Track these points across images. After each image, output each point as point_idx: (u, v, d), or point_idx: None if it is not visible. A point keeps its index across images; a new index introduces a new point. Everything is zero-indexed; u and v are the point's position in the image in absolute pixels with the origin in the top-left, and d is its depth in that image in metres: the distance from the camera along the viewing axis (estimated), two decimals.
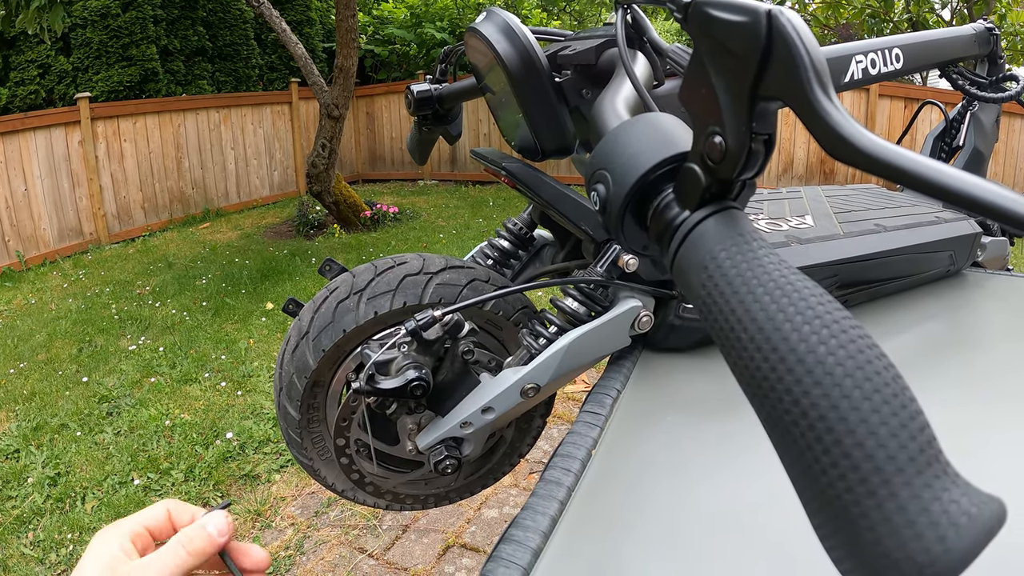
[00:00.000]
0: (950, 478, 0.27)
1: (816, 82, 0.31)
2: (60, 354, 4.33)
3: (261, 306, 4.97)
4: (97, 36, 7.38)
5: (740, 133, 0.34)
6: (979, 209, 0.27)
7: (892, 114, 7.36)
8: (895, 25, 8.78)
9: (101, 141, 6.88)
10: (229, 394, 3.71)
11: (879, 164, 0.29)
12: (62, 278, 5.96)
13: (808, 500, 0.29)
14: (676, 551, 0.54)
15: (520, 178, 0.85)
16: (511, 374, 0.74)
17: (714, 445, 0.67)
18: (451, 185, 9.36)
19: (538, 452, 2.95)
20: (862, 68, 0.88)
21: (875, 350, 0.29)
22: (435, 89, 1.01)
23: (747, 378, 0.32)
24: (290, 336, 0.83)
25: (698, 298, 0.35)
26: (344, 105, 6.32)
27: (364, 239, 6.66)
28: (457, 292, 0.79)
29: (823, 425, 0.28)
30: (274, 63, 9.16)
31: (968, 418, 0.70)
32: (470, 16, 9.50)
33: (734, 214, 0.37)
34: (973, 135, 1.21)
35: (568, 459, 0.64)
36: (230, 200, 8.28)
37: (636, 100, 0.58)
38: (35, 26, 5.29)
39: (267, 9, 6.12)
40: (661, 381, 0.79)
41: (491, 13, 0.74)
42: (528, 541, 0.55)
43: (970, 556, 0.26)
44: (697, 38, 0.35)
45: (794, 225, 0.94)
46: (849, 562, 0.28)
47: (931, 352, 0.85)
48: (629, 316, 0.77)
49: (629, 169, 0.41)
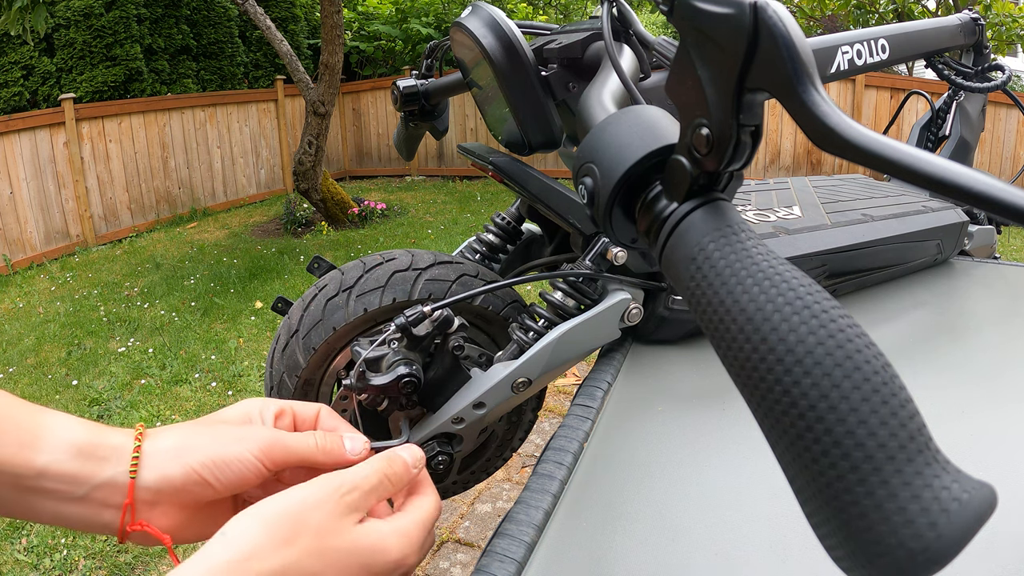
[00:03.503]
0: (940, 465, 0.27)
1: (802, 73, 0.31)
2: (49, 357, 4.31)
3: (250, 305, 4.95)
4: (80, 36, 7.32)
5: (727, 125, 0.34)
6: (966, 198, 0.27)
7: (878, 104, 7.39)
8: (881, 16, 8.81)
9: (86, 142, 6.83)
10: (220, 394, 3.70)
11: (866, 154, 0.29)
12: (49, 281, 5.92)
13: (800, 489, 0.30)
14: (669, 541, 0.54)
15: (507, 172, 0.85)
16: (501, 368, 0.74)
17: (705, 435, 0.67)
18: (438, 180, 9.34)
19: (530, 446, 2.95)
20: (848, 59, 0.88)
21: (864, 339, 0.29)
22: (421, 84, 1.01)
23: (737, 369, 0.32)
24: (280, 335, 0.82)
25: (687, 290, 0.35)
26: (330, 102, 6.29)
27: (352, 236, 6.64)
28: (446, 287, 0.79)
29: (813, 415, 0.28)
30: (259, 61, 9.11)
31: (957, 405, 0.70)
32: (455, 11, 9.48)
33: (722, 205, 0.37)
34: (959, 124, 1.22)
35: (560, 452, 0.64)
36: (217, 199, 8.24)
37: (623, 93, 0.58)
38: (18, 27, 5.25)
39: (251, 6, 6.09)
40: (651, 373, 0.79)
41: (477, 8, 0.74)
42: (522, 535, 0.55)
43: (962, 542, 0.26)
44: (683, 30, 0.35)
45: (782, 216, 0.94)
46: (841, 549, 0.28)
47: (920, 340, 0.86)
48: (619, 309, 0.77)
49: (616, 162, 0.41)
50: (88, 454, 0.48)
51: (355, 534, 0.46)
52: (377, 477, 0.50)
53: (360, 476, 0.49)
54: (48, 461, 0.46)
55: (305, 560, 0.42)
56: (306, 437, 0.53)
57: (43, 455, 0.46)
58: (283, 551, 0.42)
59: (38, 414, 0.49)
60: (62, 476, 0.47)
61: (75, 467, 0.47)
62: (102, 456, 0.48)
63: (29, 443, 0.46)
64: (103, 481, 0.47)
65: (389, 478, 0.50)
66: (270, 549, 0.42)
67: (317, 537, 0.44)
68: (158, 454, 0.49)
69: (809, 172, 7.83)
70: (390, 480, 0.50)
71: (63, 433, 0.48)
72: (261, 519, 0.43)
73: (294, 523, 0.43)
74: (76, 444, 0.48)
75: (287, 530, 0.43)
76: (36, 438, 0.47)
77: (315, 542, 0.43)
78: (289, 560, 0.42)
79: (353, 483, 0.48)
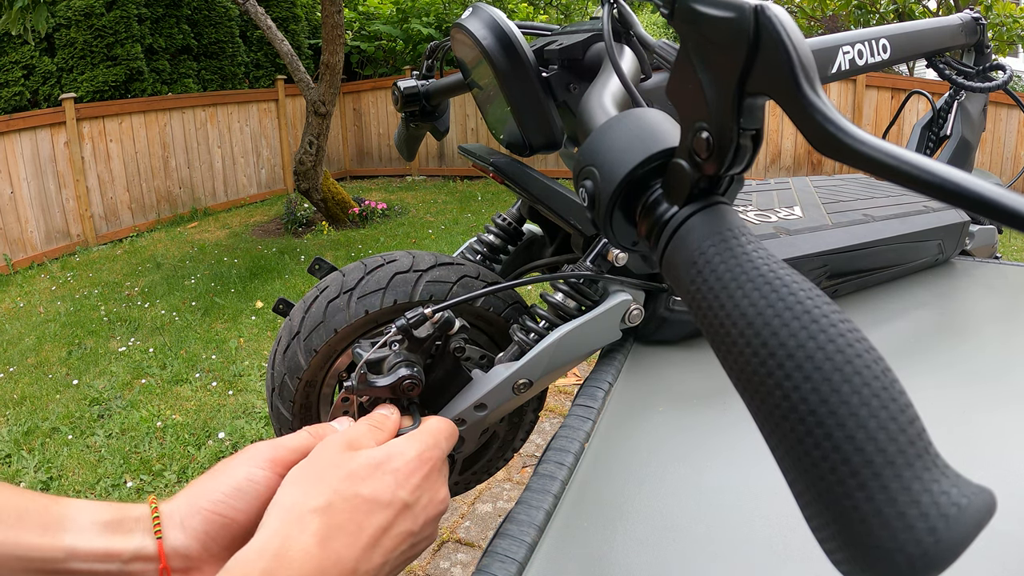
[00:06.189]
0: (940, 469, 0.27)
1: (803, 78, 0.31)
2: (50, 357, 4.31)
3: (251, 305, 4.95)
4: (81, 36, 7.32)
5: (727, 128, 0.34)
6: (965, 203, 0.27)
7: (879, 104, 7.38)
8: (881, 16, 8.80)
9: (87, 142, 6.83)
10: (220, 394, 3.70)
11: (865, 159, 0.29)
12: (50, 281, 5.92)
13: (800, 492, 0.30)
14: (670, 542, 0.54)
15: (508, 173, 0.85)
16: (503, 370, 0.74)
17: (706, 436, 0.67)
18: (439, 181, 9.34)
19: (531, 446, 2.95)
20: (849, 59, 0.88)
21: (864, 343, 0.29)
22: (422, 85, 1.01)
23: (737, 373, 0.32)
24: (281, 336, 0.82)
25: (687, 294, 0.35)
26: (331, 102, 6.29)
27: (353, 236, 6.64)
28: (447, 289, 0.79)
29: (813, 419, 0.28)
30: (260, 60, 9.11)
31: (958, 406, 0.70)
32: (456, 11, 9.47)
33: (722, 209, 0.37)
34: (960, 124, 1.22)
35: (561, 453, 0.64)
36: (217, 199, 8.24)
37: (623, 95, 0.58)
38: (19, 27, 5.24)
39: (252, 6, 6.09)
40: (652, 374, 0.79)
41: (477, 8, 0.74)
42: (523, 535, 0.55)
43: (960, 547, 0.26)
44: (684, 33, 0.35)
45: (783, 216, 0.94)
46: (841, 553, 0.28)
47: (920, 341, 0.86)
48: (619, 310, 0.77)
49: (617, 165, 0.41)
50: (114, 529, 0.48)
51: (368, 452, 0.51)
52: (364, 425, 0.56)
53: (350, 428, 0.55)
54: (76, 541, 0.46)
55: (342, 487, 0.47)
56: (299, 433, 0.56)
57: (69, 536, 0.46)
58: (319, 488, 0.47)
59: (57, 500, 0.49)
60: (92, 554, 0.46)
61: (104, 543, 0.47)
62: (128, 529, 0.48)
63: (53, 526, 0.46)
64: (134, 551, 0.47)
65: (375, 425, 0.57)
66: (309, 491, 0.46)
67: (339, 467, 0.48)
68: (177, 511, 0.50)
69: (810, 172, 7.83)
70: (376, 426, 0.57)
71: (87, 514, 0.48)
72: (289, 480, 0.48)
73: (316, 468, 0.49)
74: (101, 521, 0.48)
75: (314, 474, 0.48)
76: (60, 520, 0.47)
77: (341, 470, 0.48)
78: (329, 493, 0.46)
79: (346, 432, 0.54)
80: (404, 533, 0.48)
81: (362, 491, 0.47)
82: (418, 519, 0.50)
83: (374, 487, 0.48)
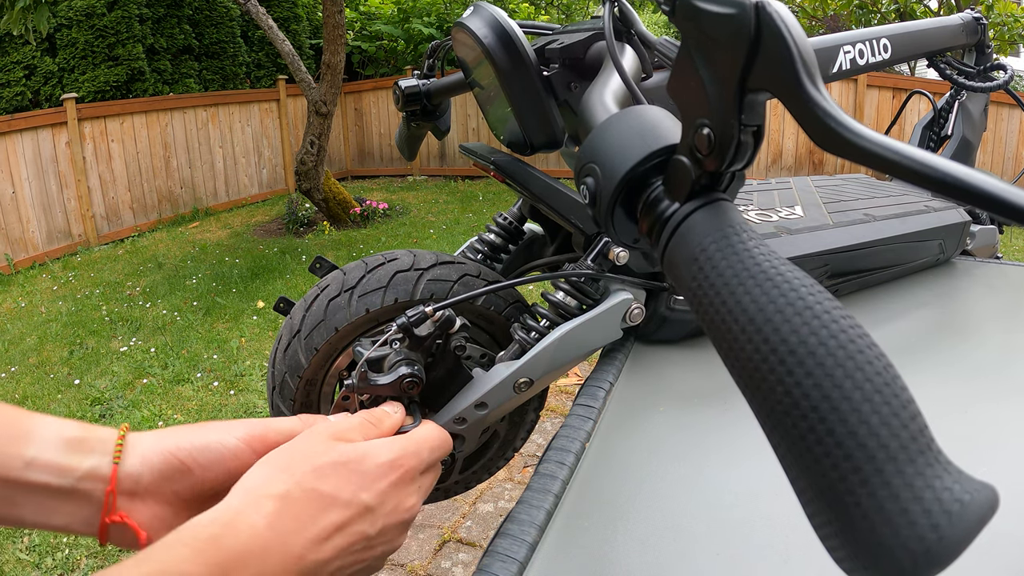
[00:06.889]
0: (942, 466, 0.27)
1: (804, 74, 0.31)
2: (51, 357, 4.31)
3: (252, 305, 4.96)
4: (83, 36, 7.32)
5: (729, 125, 0.34)
6: (968, 199, 0.27)
7: (880, 104, 7.38)
8: (883, 15, 8.79)
9: (88, 142, 6.83)
10: (222, 393, 3.70)
11: (868, 155, 0.29)
12: (52, 280, 5.93)
13: (802, 489, 0.30)
14: (671, 541, 0.54)
15: (509, 172, 0.85)
16: (503, 369, 0.74)
17: (707, 435, 0.67)
18: (440, 180, 9.34)
19: (532, 446, 2.95)
20: (850, 58, 0.88)
21: (865, 340, 0.29)
22: (423, 84, 1.01)
23: (739, 370, 0.32)
24: (282, 335, 0.82)
25: (689, 291, 0.35)
26: (332, 102, 6.29)
27: (354, 236, 6.64)
28: (448, 288, 0.79)
29: (815, 415, 0.28)
30: (261, 60, 9.12)
31: (960, 404, 0.70)
32: (457, 11, 9.47)
33: (724, 206, 0.37)
34: (961, 124, 1.22)
35: (562, 452, 0.64)
36: (219, 199, 8.24)
37: (624, 93, 0.58)
38: (20, 27, 5.25)
39: (253, 6, 6.09)
40: (653, 373, 0.79)
41: (478, 8, 0.74)
42: (523, 535, 0.55)
43: (963, 543, 0.26)
44: (685, 30, 0.35)
45: (784, 216, 0.94)
46: (843, 550, 0.28)
47: (922, 340, 0.86)
48: (620, 309, 0.77)
49: (618, 162, 0.41)
50: (76, 446, 0.49)
51: (343, 447, 0.51)
52: (358, 419, 0.56)
53: (342, 420, 0.56)
54: (37, 452, 0.48)
55: (304, 479, 0.47)
56: (291, 419, 0.57)
57: (32, 447, 0.48)
58: (283, 476, 0.47)
59: (32, 415, 0.50)
60: (49, 466, 0.48)
61: (63, 457, 0.48)
62: (89, 448, 0.49)
63: (21, 437, 0.48)
64: (88, 469, 0.49)
65: (369, 420, 0.57)
66: (272, 477, 0.47)
67: (309, 459, 0.49)
68: (141, 443, 0.51)
69: (811, 172, 7.82)
70: (371, 421, 0.56)
71: (55, 428, 0.50)
72: (261, 462, 0.49)
73: (288, 455, 0.49)
74: (66, 438, 0.49)
75: (283, 461, 0.49)
76: (28, 432, 0.48)
77: (309, 462, 0.48)
78: (290, 483, 0.47)
79: (336, 423, 0.54)
80: (358, 533, 0.49)
81: (322, 487, 0.47)
82: (377, 523, 0.50)
83: (336, 484, 0.48)
